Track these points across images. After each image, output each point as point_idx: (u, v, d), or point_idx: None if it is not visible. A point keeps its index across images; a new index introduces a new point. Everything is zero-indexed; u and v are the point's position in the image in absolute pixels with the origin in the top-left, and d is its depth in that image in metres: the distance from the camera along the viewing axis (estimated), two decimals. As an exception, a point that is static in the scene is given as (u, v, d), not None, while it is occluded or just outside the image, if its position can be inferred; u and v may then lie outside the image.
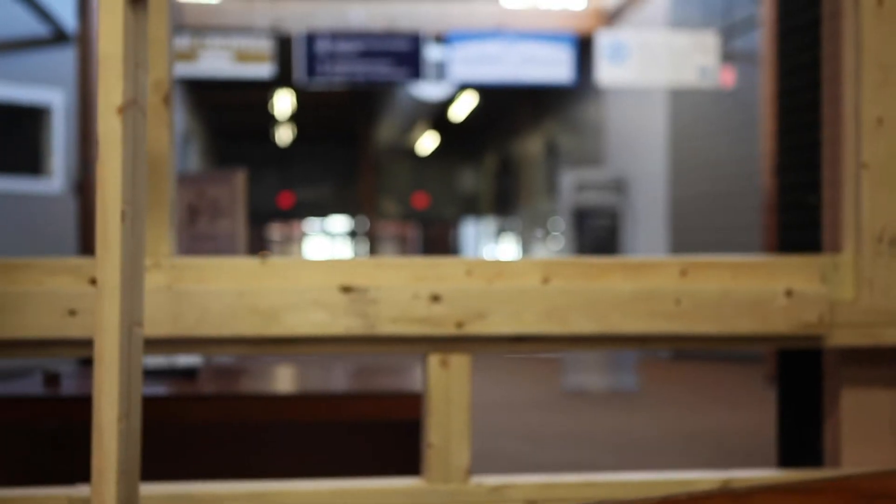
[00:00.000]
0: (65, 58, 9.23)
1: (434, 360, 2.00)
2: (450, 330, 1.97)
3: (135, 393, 1.45)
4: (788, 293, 2.06)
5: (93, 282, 1.85)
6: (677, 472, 2.14)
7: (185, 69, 10.82)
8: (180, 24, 11.02)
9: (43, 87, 9.39)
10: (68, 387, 2.41)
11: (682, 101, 12.40)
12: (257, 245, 21.85)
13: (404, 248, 24.40)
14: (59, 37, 9.40)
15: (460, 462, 2.01)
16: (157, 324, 1.88)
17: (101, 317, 1.39)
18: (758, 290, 2.06)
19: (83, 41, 7.97)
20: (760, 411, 6.65)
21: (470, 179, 25.84)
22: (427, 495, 2.00)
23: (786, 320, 2.06)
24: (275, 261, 1.98)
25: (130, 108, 1.42)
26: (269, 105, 19.81)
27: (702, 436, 6.01)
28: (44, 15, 9.12)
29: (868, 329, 2.10)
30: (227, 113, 21.33)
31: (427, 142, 24.21)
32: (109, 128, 1.40)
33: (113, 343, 1.39)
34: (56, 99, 9.49)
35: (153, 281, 1.91)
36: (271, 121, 22.13)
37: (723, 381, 9.26)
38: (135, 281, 1.44)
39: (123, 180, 1.39)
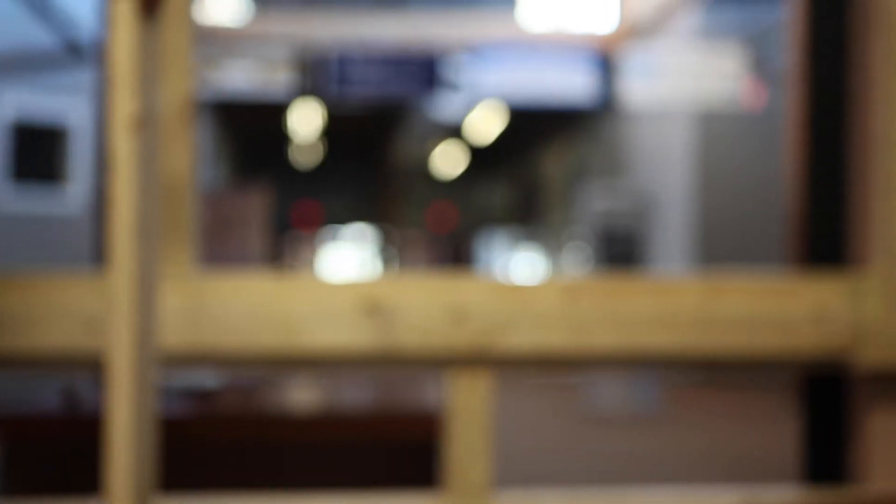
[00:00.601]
0: (84, 73, 9.25)
1: (456, 377, 1.98)
2: (472, 348, 1.95)
3: (149, 411, 1.43)
4: (816, 313, 2.03)
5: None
6: (699, 489, 2.10)
7: (207, 86, 10.86)
8: (203, 41, 11.06)
9: (62, 104, 9.42)
10: (86, 402, 2.40)
11: (709, 119, 12.35)
12: (280, 260, 21.90)
13: (427, 262, 24.40)
14: (76, 52, 9.43)
15: (481, 479, 1.98)
16: (175, 340, 1.86)
17: (113, 335, 1.38)
18: (784, 311, 2.03)
19: (103, 56, 7.99)
20: (784, 437, 6.59)
21: (493, 196, 25.84)
22: (447, 514, 1.97)
23: (814, 341, 2.03)
24: (296, 277, 1.96)
25: (144, 124, 1.40)
26: (291, 122, 19.87)
27: (723, 460, 5.95)
28: (62, 30, 9.16)
29: (898, 351, 2.06)
30: (251, 130, 21.42)
31: (450, 159, 24.23)
32: (123, 145, 1.38)
33: (125, 361, 1.37)
34: (75, 115, 9.49)
35: (172, 297, 1.90)
36: (294, 137, 22.20)
37: (745, 405, 9.18)
38: (148, 298, 1.43)
39: (136, 197, 1.38)
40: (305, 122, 19.49)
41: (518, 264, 22.69)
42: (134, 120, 1.37)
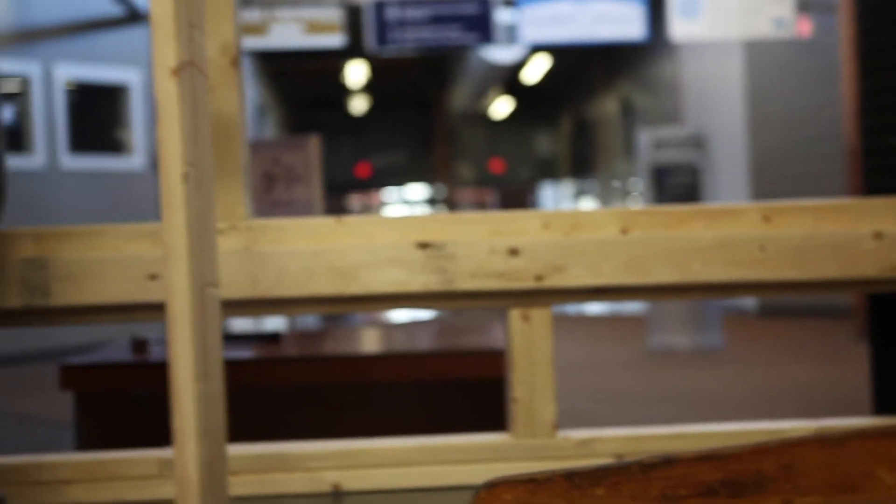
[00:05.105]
0: (140, 36, 9.36)
1: (515, 314, 1.98)
2: (529, 283, 1.95)
3: (213, 354, 1.45)
4: (877, 235, 2.00)
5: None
6: (768, 423, 2.09)
7: (256, 42, 10.87)
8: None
9: (120, 66, 9.53)
10: (156, 352, 2.45)
11: (759, 52, 12.15)
12: (335, 214, 21.97)
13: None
14: (133, 16, 9.54)
15: (546, 416, 1.99)
16: (235, 286, 1.89)
17: (170, 280, 1.39)
18: (844, 234, 2.00)
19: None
20: (851, 367, 6.51)
21: (546, 142, 25.68)
22: (514, 450, 1.99)
23: (874, 263, 2.00)
24: (351, 219, 1.97)
25: (186, 70, 1.42)
26: (341, 74, 19.87)
27: (791, 392, 5.90)
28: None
29: (962, 269, 2.03)
30: (300, 84, 21.45)
31: (501, 106, 24.09)
32: (165, 90, 1.40)
33: (184, 306, 1.39)
34: (133, 77, 9.63)
35: (230, 244, 1.92)
36: (345, 90, 22.20)
37: (811, 337, 9.09)
38: (205, 242, 1.44)
39: (183, 142, 1.39)
40: (352, 75, 19.47)
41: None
42: (177, 65, 1.38)
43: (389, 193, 25.02)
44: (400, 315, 11.98)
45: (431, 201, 24.70)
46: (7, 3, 8.89)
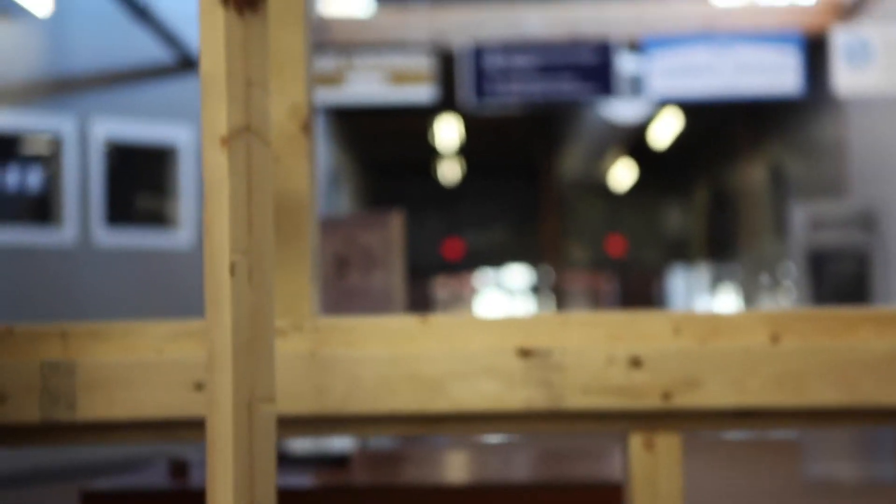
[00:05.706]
0: (191, 87, 9.60)
1: (636, 440, 1.96)
2: (655, 402, 1.92)
3: (263, 484, 1.44)
4: None
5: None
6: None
7: (330, 94, 11.04)
8: (323, 41, 11.28)
9: (168, 123, 9.76)
10: (198, 478, 2.46)
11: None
12: (419, 303, 22.08)
13: (597, 303, 24.28)
14: (185, 63, 9.79)
15: (673, 569, 1.95)
16: (297, 399, 1.89)
17: (212, 393, 1.38)
18: None
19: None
20: None
21: (676, 218, 25.57)
22: None
23: None
24: (438, 319, 1.97)
25: (240, 138, 1.41)
26: (430, 135, 20.09)
27: None
28: (169, 40, 9.51)
29: None
30: (381, 146, 21.73)
31: (622, 173, 24.11)
32: (214, 163, 1.39)
33: (226, 425, 1.37)
34: (182, 136, 9.83)
35: (292, 346, 1.93)
36: (433, 154, 22.43)
37: None
38: (258, 347, 1.43)
39: (233, 225, 1.38)
40: (443, 135, 19.68)
41: (710, 304, 22.39)
42: (228, 132, 1.38)
43: (484, 278, 25.07)
44: (493, 436, 11.93)
45: (535, 289, 24.69)
46: (37, 50, 9.19)
